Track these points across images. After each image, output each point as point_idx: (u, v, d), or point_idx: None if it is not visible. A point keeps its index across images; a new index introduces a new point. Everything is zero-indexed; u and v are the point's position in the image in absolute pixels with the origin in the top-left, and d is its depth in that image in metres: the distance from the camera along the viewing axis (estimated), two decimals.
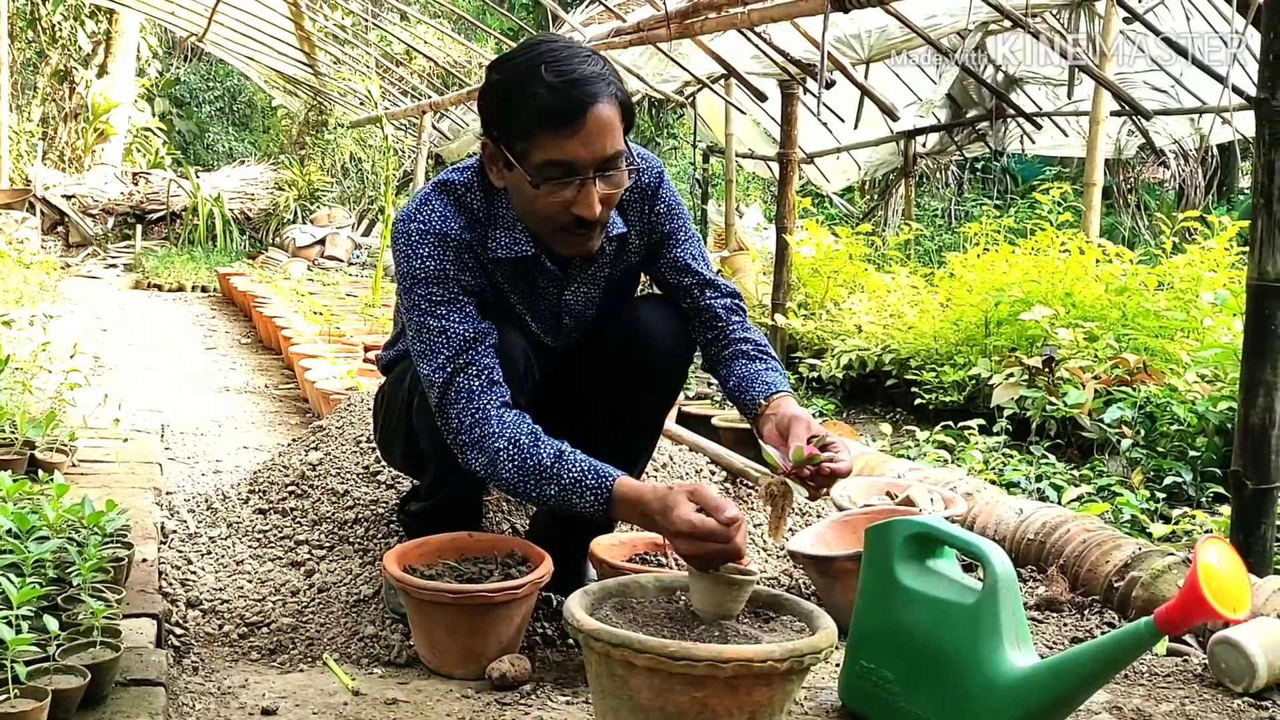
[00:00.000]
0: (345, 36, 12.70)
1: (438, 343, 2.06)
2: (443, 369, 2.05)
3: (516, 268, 2.19)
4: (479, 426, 2.01)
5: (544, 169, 1.97)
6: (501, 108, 2.01)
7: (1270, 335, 2.50)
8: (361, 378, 4.66)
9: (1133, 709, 2.11)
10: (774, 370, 2.25)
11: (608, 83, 1.97)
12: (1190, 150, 9.19)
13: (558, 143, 1.95)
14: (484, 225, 2.14)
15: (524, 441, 1.98)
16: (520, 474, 1.98)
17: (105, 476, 3.20)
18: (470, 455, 2.03)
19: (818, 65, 5.31)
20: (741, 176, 13.20)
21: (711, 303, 2.32)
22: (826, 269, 6.83)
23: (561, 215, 2.02)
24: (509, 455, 1.98)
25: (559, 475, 1.95)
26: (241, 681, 2.07)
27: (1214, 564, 1.58)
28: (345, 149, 14.27)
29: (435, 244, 2.09)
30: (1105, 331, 4.74)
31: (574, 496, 1.94)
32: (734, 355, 2.28)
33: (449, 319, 2.07)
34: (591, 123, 1.94)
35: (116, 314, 8.41)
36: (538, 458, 1.97)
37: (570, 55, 1.97)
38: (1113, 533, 2.79)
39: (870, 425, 5.27)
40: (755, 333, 2.33)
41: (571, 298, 2.27)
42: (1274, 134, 2.48)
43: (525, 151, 1.98)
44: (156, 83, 18.08)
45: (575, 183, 1.98)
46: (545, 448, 1.98)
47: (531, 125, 1.95)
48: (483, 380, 2.04)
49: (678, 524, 1.78)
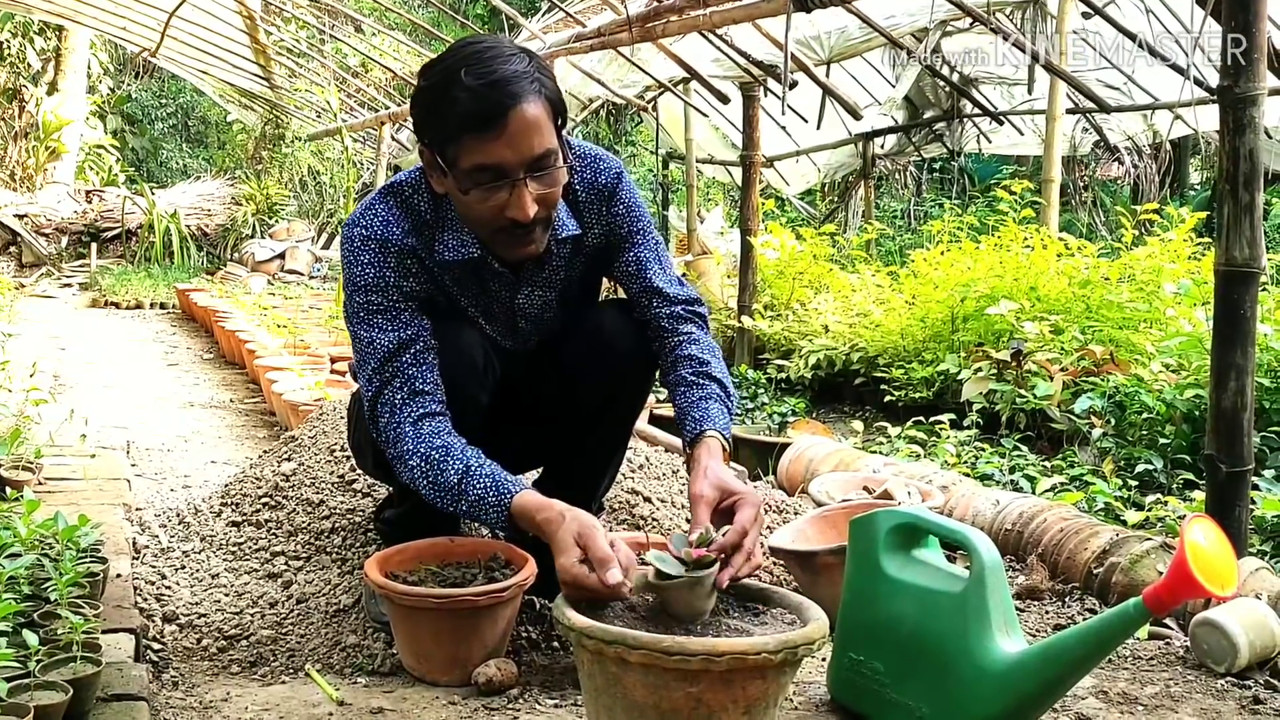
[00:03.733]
0: (301, 49, 12.61)
1: (367, 354, 2.08)
2: (370, 382, 2.07)
3: (465, 270, 2.16)
4: (399, 443, 2.03)
5: (473, 174, 1.95)
6: (427, 114, 1.99)
7: (1239, 319, 2.53)
8: (330, 388, 4.62)
9: (1118, 692, 2.12)
10: (708, 398, 2.14)
11: (531, 79, 1.93)
12: (1144, 146, 9.31)
13: (483, 146, 1.92)
14: (431, 228, 2.12)
15: (434, 457, 2.00)
16: (434, 490, 2.01)
17: (73, 494, 3.14)
18: (400, 469, 2.06)
19: (779, 66, 5.33)
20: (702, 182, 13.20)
21: (659, 311, 2.25)
22: (791, 270, 6.86)
23: (497, 219, 1.99)
24: (423, 472, 2.01)
25: (465, 492, 1.96)
26: (223, 695, 2.04)
27: (1201, 542, 1.59)
28: (303, 162, 14.16)
29: (376, 250, 2.07)
30: (1071, 324, 4.79)
31: (479, 513, 1.97)
32: (675, 381, 2.20)
33: (377, 328, 2.07)
34: (515, 123, 1.91)
35: (74, 333, 8.28)
36: (444, 475, 1.98)
37: (492, 56, 1.93)
38: (1089, 520, 2.81)
39: (841, 424, 5.29)
40: (700, 345, 2.22)
41: (525, 301, 2.25)
42: (1237, 121, 2.51)
43: (455, 157, 1.96)
44: (108, 99, 17.86)
45: (506, 185, 1.95)
46: (452, 464, 1.98)
47: (456, 130, 1.93)
48: (404, 393, 2.05)
49: (560, 571, 1.78)
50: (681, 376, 2.18)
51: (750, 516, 1.86)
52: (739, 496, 1.92)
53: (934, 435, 4.22)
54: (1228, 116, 2.52)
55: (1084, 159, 10.67)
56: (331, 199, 13.83)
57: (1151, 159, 9.51)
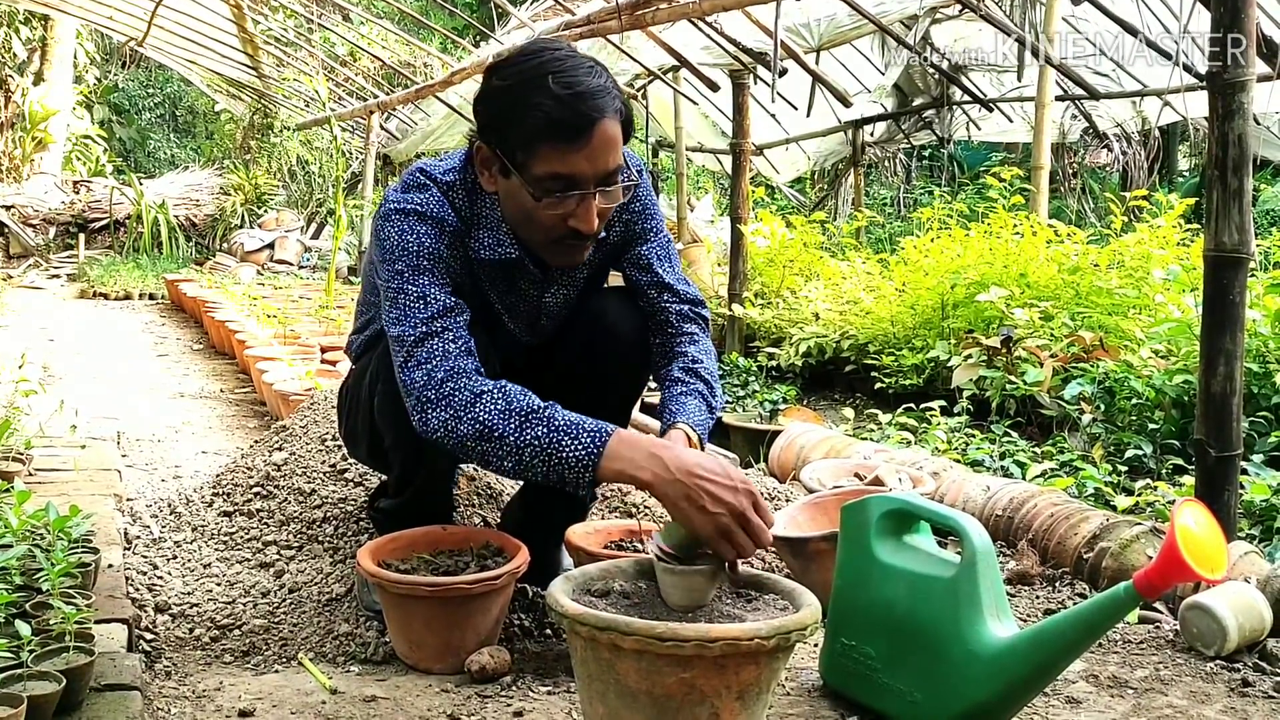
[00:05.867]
0: (289, 38, 12.55)
1: (415, 307, 1.98)
2: (416, 329, 1.96)
3: (498, 269, 2.16)
4: (450, 381, 1.91)
5: (546, 181, 1.93)
6: (503, 115, 1.96)
7: (1228, 305, 2.54)
8: (320, 378, 4.61)
9: (1108, 676, 2.13)
10: (689, 394, 2.15)
11: (613, 97, 1.93)
12: (1133, 133, 9.33)
13: (562, 156, 1.91)
14: (468, 225, 2.11)
15: (511, 389, 1.89)
16: (504, 415, 1.85)
17: (64, 485, 3.13)
18: (431, 414, 1.91)
19: (769, 54, 5.32)
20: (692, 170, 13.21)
21: (666, 306, 2.27)
22: (782, 258, 6.86)
23: (558, 227, 1.99)
24: (492, 399, 1.87)
25: (551, 418, 1.84)
26: (216, 684, 2.04)
27: (1191, 526, 1.60)
28: (292, 152, 14.11)
29: (433, 225, 2.05)
30: (1060, 310, 4.81)
31: (565, 438, 1.81)
32: (664, 376, 2.21)
33: (435, 285, 2.01)
34: (598, 138, 1.90)
35: (63, 324, 8.26)
36: (527, 400, 1.87)
37: (576, 66, 1.93)
38: (1079, 505, 2.83)
39: (831, 411, 5.30)
40: (698, 345, 2.24)
41: (551, 300, 2.26)
42: (1227, 106, 2.51)
43: (526, 162, 1.94)
44: (95, 89, 17.78)
45: (575, 196, 1.94)
46: (535, 397, 1.89)
47: (535, 137, 1.90)
48: (459, 346, 1.96)
49: (742, 493, 1.70)
50: (671, 372, 2.20)
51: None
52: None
53: (924, 422, 4.23)
54: (1217, 102, 2.52)
55: (1073, 146, 10.70)
56: (320, 189, 13.78)
57: (1140, 146, 9.53)
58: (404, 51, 13.16)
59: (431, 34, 13.78)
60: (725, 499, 1.71)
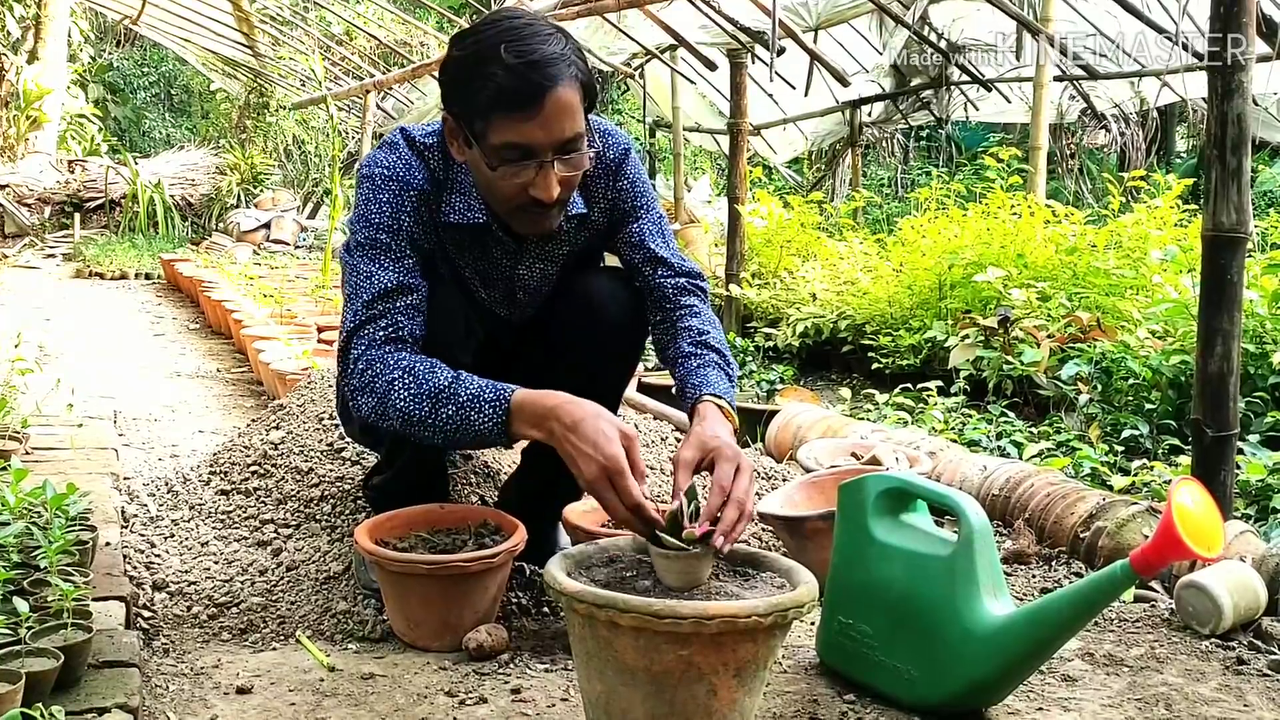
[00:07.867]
0: (285, 16, 12.48)
1: (361, 286, 2.03)
2: (355, 315, 2.02)
3: (468, 234, 2.16)
4: (370, 368, 1.96)
5: (502, 151, 1.93)
6: (460, 86, 1.96)
7: (1226, 285, 2.54)
8: (317, 357, 4.61)
9: (1104, 654, 2.14)
10: (706, 365, 2.14)
11: (569, 63, 1.92)
12: (1131, 114, 9.31)
13: (515, 126, 1.90)
14: (440, 187, 2.12)
15: (419, 369, 1.94)
16: (415, 400, 1.91)
17: (61, 463, 3.13)
18: (361, 400, 1.97)
19: (767, 33, 5.30)
20: (689, 150, 13.18)
21: (662, 281, 2.25)
22: (779, 238, 6.86)
23: (519, 196, 1.99)
24: (404, 384, 1.93)
25: (456, 394, 1.89)
26: (214, 662, 2.04)
27: (1188, 505, 1.60)
28: (288, 131, 14.07)
29: (396, 190, 2.06)
30: (1058, 291, 4.81)
31: (472, 413, 1.88)
32: (675, 353, 2.18)
33: (379, 265, 2.03)
34: (550, 106, 1.89)
35: (59, 303, 8.24)
36: (434, 380, 1.92)
37: (531, 34, 1.91)
38: (1076, 485, 2.83)
39: (829, 391, 5.30)
40: (703, 317, 2.22)
41: (526, 272, 2.25)
42: (1226, 86, 2.50)
43: (483, 132, 1.94)
44: (90, 68, 17.68)
45: (533, 165, 1.94)
46: (442, 371, 1.93)
47: (489, 107, 1.91)
48: (386, 333, 1.99)
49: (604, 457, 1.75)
50: (680, 348, 2.18)
51: (728, 471, 1.82)
52: (714, 450, 1.87)
53: (921, 402, 4.23)
54: (1216, 81, 2.52)
55: (1071, 126, 10.67)
56: (317, 168, 13.75)
57: (1138, 126, 9.52)
58: (400, 30, 13.10)
59: (428, 13, 13.72)
60: (596, 458, 1.75)
